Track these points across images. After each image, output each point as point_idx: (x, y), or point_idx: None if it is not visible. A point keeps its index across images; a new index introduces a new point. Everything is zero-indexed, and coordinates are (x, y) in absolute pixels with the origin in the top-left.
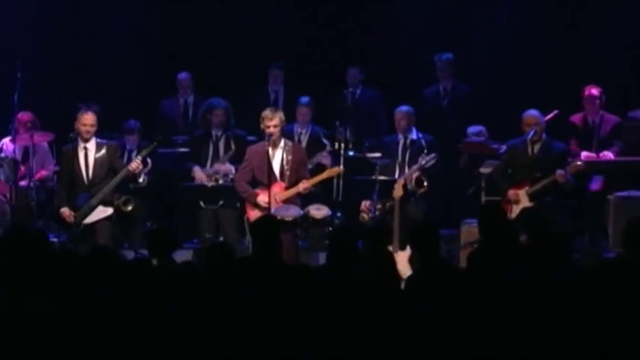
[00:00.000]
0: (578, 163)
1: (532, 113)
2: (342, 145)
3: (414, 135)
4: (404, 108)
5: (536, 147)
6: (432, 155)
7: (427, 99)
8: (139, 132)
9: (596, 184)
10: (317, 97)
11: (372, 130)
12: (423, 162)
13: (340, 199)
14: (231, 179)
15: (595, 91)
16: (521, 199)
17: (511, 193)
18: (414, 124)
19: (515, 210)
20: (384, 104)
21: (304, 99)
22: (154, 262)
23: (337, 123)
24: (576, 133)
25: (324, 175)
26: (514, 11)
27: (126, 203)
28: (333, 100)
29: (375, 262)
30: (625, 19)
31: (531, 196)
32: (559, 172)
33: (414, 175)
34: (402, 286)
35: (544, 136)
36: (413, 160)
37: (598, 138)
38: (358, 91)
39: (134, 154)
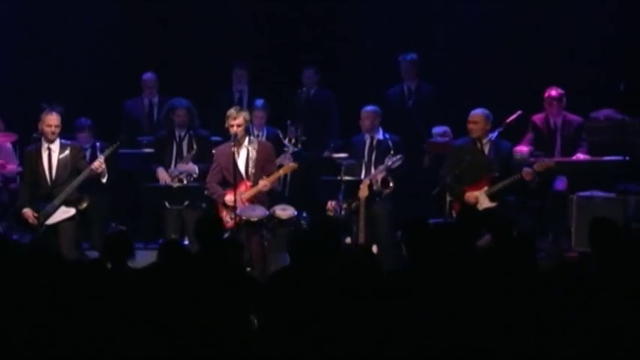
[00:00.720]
0: (546, 160)
1: (474, 111)
2: (293, 143)
3: (380, 135)
4: (370, 108)
5: (486, 147)
6: (399, 156)
7: (391, 99)
8: (90, 129)
9: (560, 185)
10: (281, 97)
11: (324, 130)
12: (389, 163)
13: (287, 193)
14: (195, 179)
15: (555, 93)
16: (481, 201)
17: (469, 195)
18: (380, 124)
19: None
20: (337, 106)
21: (258, 102)
22: (109, 265)
23: (289, 122)
24: (536, 133)
25: (281, 172)
26: (477, 10)
27: (80, 201)
28: (288, 100)
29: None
30: (589, 18)
31: (492, 197)
32: (526, 169)
33: (380, 176)
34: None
35: (490, 135)
36: (379, 160)
37: (561, 139)
38: (312, 92)
39: (88, 152)
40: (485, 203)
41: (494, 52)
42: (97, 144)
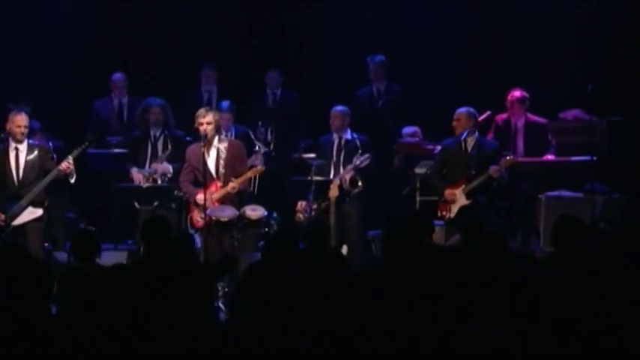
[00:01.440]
0: (510, 157)
1: (459, 109)
2: (264, 144)
3: (348, 135)
4: (340, 108)
5: (470, 145)
6: (366, 155)
7: (361, 100)
8: (42, 132)
9: (527, 185)
10: (250, 98)
11: (291, 131)
12: (358, 162)
13: (256, 191)
14: (169, 179)
15: (518, 94)
16: (458, 198)
17: (447, 193)
18: (349, 124)
19: (454, 209)
20: (302, 106)
21: (224, 104)
22: (77, 264)
23: (259, 123)
24: (498, 133)
25: (249, 174)
26: (447, 11)
27: (40, 201)
28: (252, 102)
29: (323, 261)
30: (557, 20)
31: (468, 195)
32: (493, 167)
33: (349, 175)
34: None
35: (477, 134)
36: (347, 160)
37: (523, 140)
38: (278, 93)
39: None
40: (461, 201)
41: (464, 53)
42: (50, 143)
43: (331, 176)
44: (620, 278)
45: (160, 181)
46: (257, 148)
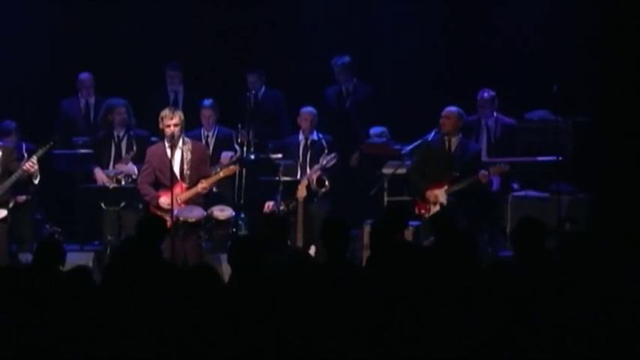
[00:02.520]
0: (503, 165)
1: (447, 108)
2: (245, 147)
3: (314, 135)
4: (307, 109)
5: (454, 146)
6: (333, 155)
7: (329, 99)
8: (17, 132)
9: (493, 185)
10: (219, 98)
11: (275, 131)
12: (324, 162)
13: (242, 201)
14: (133, 180)
15: (487, 95)
16: (440, 200)
17: (430, 193)
18: (316, 125)
19: (434, 210)
20: (286, 105)
21: (207, 101)
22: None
23: (239, 125)
24: (470, 133)
25: (221, 175)
26: (414, 11)
27: (6, 202)
28: (236, 102)
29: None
30: (523, 20)
31: (450, 196)
32: (483, 172)
33: (316, 175)
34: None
35: (460, 135)
36: (314, 160)
37: (493, 140)
38: (261, 93)
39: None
40: (443, 202)
41: (433, 54)
42: (24, 145)
43: (298, 176)
44: (585, 278)
45: (124, 182)
46: (236, 153)
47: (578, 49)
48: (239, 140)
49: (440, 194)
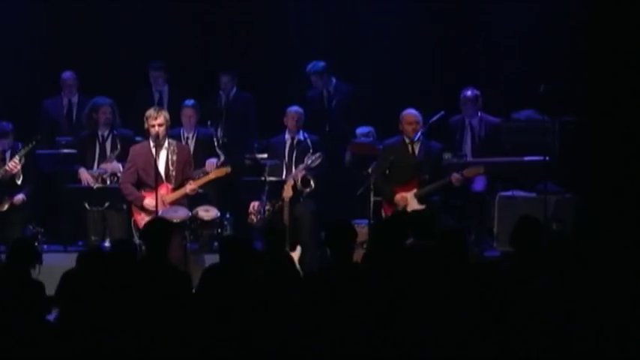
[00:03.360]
0: (476, 167)
1: (413, 112)
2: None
3: (300, 135)
4: (294, 108)
5: (416, 147)
6: (318, 154)
7: (311, 102)
8: (13, 134)
9: (479, 185)
10: (201, 98)
11: (242, 132)
12: (309, 161)
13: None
14: (119, 178)
15: (470, 93)
16: (409, 202)
17: (399, 197)
18: (302, 124)
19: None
20: (255, 107)
21: (189, 102)
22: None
23: (208, 123)
24: (454, 134)
25: (211, 176)
26: (400, 9)
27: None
28: (205, 102)
29: (275, 261)
30: (512, 20)
31: (421, 199)
32: (455, 175)
33: (301, 175)
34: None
35: (422, 137)
36: (300, 160)
37: (478, 138)
38: (232, 95)
39: (7, 153)
40: (414, 205)
41: (418, 53)
42: (20, 145)
43: (283, 176)
44: (570, 278)
45: (109, 182)
46: (220, 158)
47: (566, 48)
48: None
49: (409, 197)
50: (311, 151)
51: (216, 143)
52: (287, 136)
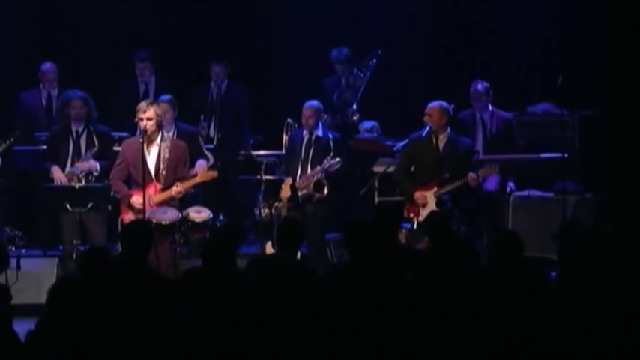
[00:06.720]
0: (491, 167)
1: (432, 103)
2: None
3: (319, 131)
4: (311, 102)
5: (442, 143)
6: (337, 160)
7: (326, 89)
8: None
9: (491, 184)
10: (189, 90)
11: (237, 127)
12: (327, 165)
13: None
14: (97, 177)
15: (480, 87)
16: (428, 202)
17: (418, 195)
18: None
19: (423, 213)
20: (249, 100)
21: (164, 97)
22: None
23: (201, 118)
24: (465, 129)
25: (197, 180)
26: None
27: None
28: (195, 94)
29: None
30: (528, 11)
31: (444, 198)
32: (471, 175)
33: (315, 177)
34: None
35: (449, 131)
36: (316, 159)
37: (490, 134)
38: (223, 87)
39: None
40: (432, 206)
41: (428, 45)
42: None
43: (298, 174)
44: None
45: (84, 181)
46: (210, 161)
47: (585, 37)
48: (201, 134)
49: (429, 196)
50: (332, 154)
51: (202, 142)
52: (305, 131)
